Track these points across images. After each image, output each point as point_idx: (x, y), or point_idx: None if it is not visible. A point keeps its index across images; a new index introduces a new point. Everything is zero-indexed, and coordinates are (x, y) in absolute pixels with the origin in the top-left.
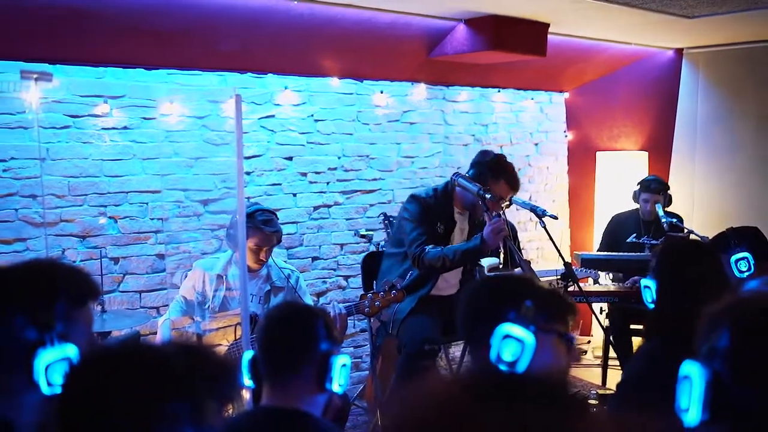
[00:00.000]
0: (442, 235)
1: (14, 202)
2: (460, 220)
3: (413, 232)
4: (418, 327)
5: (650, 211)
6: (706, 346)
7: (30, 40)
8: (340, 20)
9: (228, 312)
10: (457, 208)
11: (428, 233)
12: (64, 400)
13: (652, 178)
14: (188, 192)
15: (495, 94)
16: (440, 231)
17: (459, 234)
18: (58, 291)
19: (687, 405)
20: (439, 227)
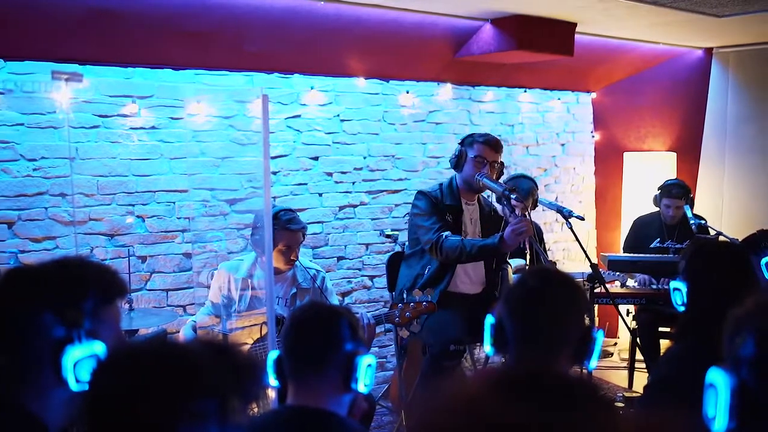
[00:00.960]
0: (452, 225)
1: (44, 200)
2: (469, 211)
3: (427, 221)
4: (443, 327)
5: (672, 216)
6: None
7: (60, 41)
8: (367, 20)
9: (254, 311)
10: (466, 200)
11: (440, 221)
12: (91, 396)
13: (673, 182)
14: (215, 191)
15: (521, 94)
16: (450, 220)
17: (470, 225)
18: (87, 289)
19: (714, 413)
20: (448, 217)
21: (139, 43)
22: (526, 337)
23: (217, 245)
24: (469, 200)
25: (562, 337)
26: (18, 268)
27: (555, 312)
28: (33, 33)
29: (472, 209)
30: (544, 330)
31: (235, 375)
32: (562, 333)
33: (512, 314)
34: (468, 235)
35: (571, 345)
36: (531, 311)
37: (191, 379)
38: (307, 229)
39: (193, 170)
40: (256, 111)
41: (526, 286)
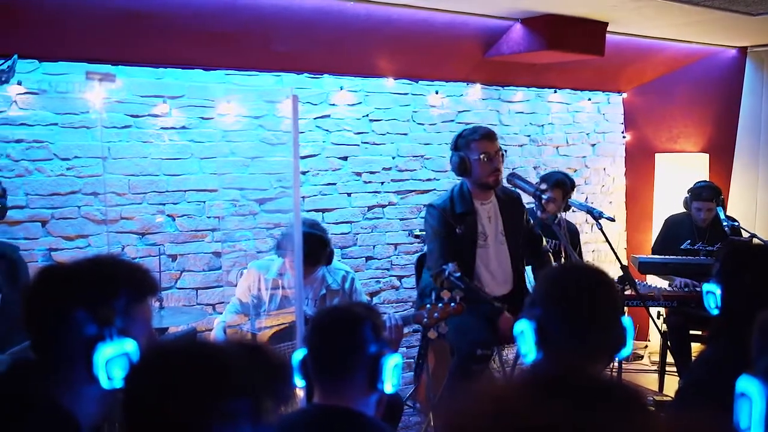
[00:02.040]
0: (465, 235)
1: (77, 199)
2: (485, 209)
3: (431, 245)
4: (470, 330)
5: (704, 219)
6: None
7: (94, 42)
8: (396, 20)
9: (283, 310)
10: (480, 200)
11: (446, 244)
12: (126, 396)
13: (703, 185)
14: (244, 191)
15: (551, 94)
16: (460, 231)
17: (487, 222)
18: (119, 287)
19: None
20: (458, 229)
21: (170, 43)
22: (568, 338)
23: (246, 244)
24: (485, 199)
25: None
26: (52, 266)
27: (600, 315)
28: (67, 34)
29: (488, 207)
30: (588, 330)
31: (267, 375)
32: (605, 332)
33: (547, 314)
34: (488, 234)
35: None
36: (574, 312)
37: (224, 379)
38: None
39: (223, 170)
40: (285, 111)
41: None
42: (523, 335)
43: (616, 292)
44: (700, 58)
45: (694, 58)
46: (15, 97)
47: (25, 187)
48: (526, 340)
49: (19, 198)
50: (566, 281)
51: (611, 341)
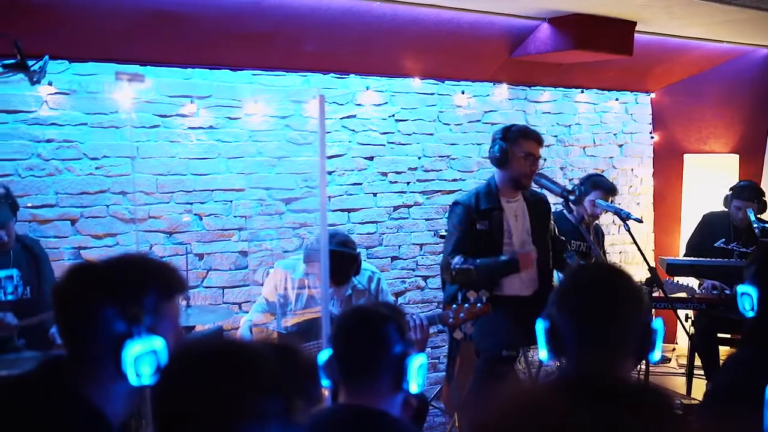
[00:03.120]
0: (488, 231)
1: (105, 198)
2: (512, 208)
3: (448, 240)
4: (496, 331)
5: (742, 218)
6: None
7: (123, 43)
8: (423, 20)
9: (308, 309)
10: (507, 198)
11: (463, 240)
12: (160, 392)
13: (746, 184)
14: (271, 191)
15: (578, 94)
16: (482, 228)
17: (514, 221)
18: (148, 285)
19: None
20: (480, 224)
21: (198, 44)
22: (587, 339)
23: (272, 244)
24: (512, 197)
25: (625, 337)
26: (81, 264)
27: (620, 313)
28: (97, 35)
29: (515, 206)
30: (607, 331)
31: (297, 375)
32: (625, 333)
33: (572, 317)
34: (513, 232)
35: (634, 343)
36: (593, 313)
37: (256, 378)
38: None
39: (250, 169)
40: (312, 111)
41: (585, 286)
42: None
43: (638, 292)
44: (730, 57)
45: (724, 57)
46: (46, 98)
47: (55, 186)
48: (544, 340)
49: (49, 197)
50: (584, 281)
51: (635, 343)
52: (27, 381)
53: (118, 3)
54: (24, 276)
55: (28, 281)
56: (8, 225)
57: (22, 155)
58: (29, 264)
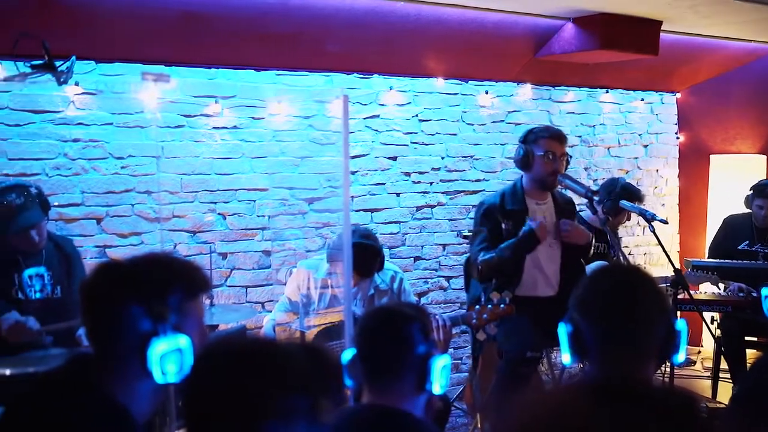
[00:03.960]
0: (513, 231)
1: (130, 197)
2: (540, 209)
3: (474, 239)
4: (519, 332)
5: (765, 217)
6: None
7: (148, 43)
8: (447, 20)
9: (331, 309)
10: (535, 198)
11: (488, 238)
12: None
13: (767, 182)
14: (294, 190)
15: (603, 94)
16: (507, 227)
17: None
18: (173, 284)
19: None
20: (505, 224)
21: (222, 44)
22: (609, 342)
23: (295, 243)
24: (540, 199)
25: (648, 339)
26: (108, 262)
27: (641, 313)
28: (123, 36)
29: (544, 207)
30: (629, 333)
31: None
32: (648, 334)
33: (594, 320)
34: None
35: (658, 344)
36: (616, 316)
37: (283, 376)
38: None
39: (273, 169)
40: (335, 111)
41: (607, 289)
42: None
43: (659, 294)
44: (757, 56)
45: (751, 56)
46: (73, 98)
47: (81, 185)
48: (567, 344)
49: (76, 196)
50: (604, 284)
51: (658, 344)
52: (54, 378)
53: (144, 4)
54: (54, 275)
55: (58, 281)
56: (39, 225)
57: (49, 155)
58: (60, 263)
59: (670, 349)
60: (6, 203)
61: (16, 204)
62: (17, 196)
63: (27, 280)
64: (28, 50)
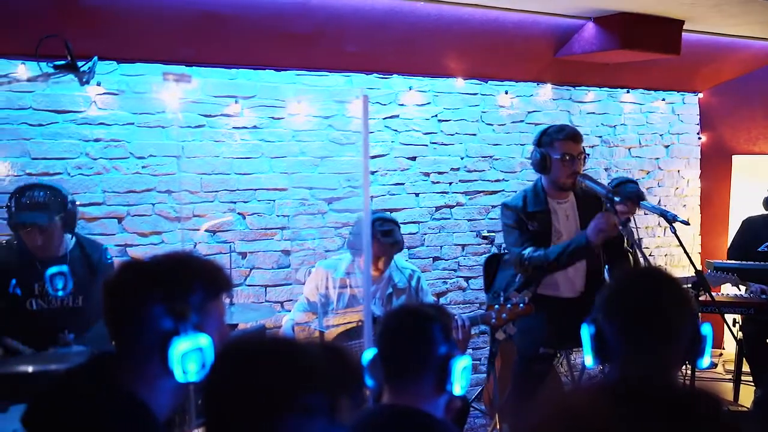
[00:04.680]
0: (539, 232)
1: (151, 197)
2: (562, 209)
3: (509, 237)
4: (534, 329)
5: None
6: None
7: (169, 44)
8: (467, 20)
9: (350, 309)
10: (556, 198)
11: (525, 236)
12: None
13: None
14: (313, 190)
15: (624, 94)
16: (533, 228)
17: (564, 220)
18: (195, 283)
19: None
20: (530, 226)
21: (243, 44)
22: (633, 344)
23: (314, 243)
24: (561, 198)
25: (673, 342)
26: (130, 261)
27: (666, 317)
28: (144, 37)
29: (565, 206)
30: (653, 336)
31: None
32: (672, 338)
33: (620, 323)
34: (563, 234)
35: (682, 348)
36: (642, 320)
37: (304, 373)
38: (403, 243)
39: (293, 169)
40: (355, 111)
41: (633, 292)
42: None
43: (685, 297)
44: None
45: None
46: (94, 98)
47: (102, 184)
48: (589, 345)
49: (97, 195)
50: (629, 286)
51: (682, 348)
52: (76, 375)
53: (165, 5)
54: (76, 282)
55: (79, 289)
56: (46, 229)
57: (71, 154)
58: (83, 268)
59: (695, 354)
60: (27, 196)
61: (35, 201)
62: (42, 194)
63: (48, 279)
64: (50, 51)
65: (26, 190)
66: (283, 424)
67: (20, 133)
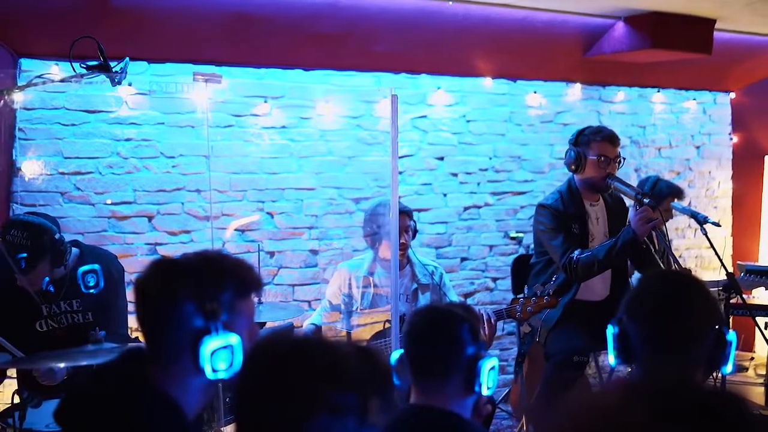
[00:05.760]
0: (579, 235)
1: (181, 196)
2: (594, 212)
3: (553, 242)
4: (567, 337)
5: None
6: None
7: (199, 44)
8: (496, 20)
9: (376, 309)
10: (589, 200)
11: (568, 239)
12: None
13: None
14: (341, 190)
15: (654, 94)
16: (576, 231)
17: (596, 225)
18: (226, 282)
19: None
20: (574, 228)
21: (272, 45)
22: (659, 348)
23: (342, 242)
24: (593, 200)
25: (696, 346)
26: (162, 259)
27: (690, 320)
28: (174, 37)
29: (596, 209)
30: (676, 339)
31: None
32: (696, 341)
33: (642, 324)
34: (595, 237)
35: (705, 353)
36: (664, 321)
37: (335, 372)
38: (413, 217)
39: (321, 169)
40: (383, 111)
41: (657, 294)
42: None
43: (709, 300)
44: None
45: None
46: (126, 98)
47: (133, 183)
48: (612, 345)
49: (128, 194)
50: (654, 289)
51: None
52: (107, 372)
53: (195, 6)
54: (84, 298)
55: (87, 305)
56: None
57: (103, 153)
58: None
59: (719, 360)
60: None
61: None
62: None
63: (80, 276)
64: (83, 52)
65: (11, 228)
66: (314, 423)
67: (53, 132)
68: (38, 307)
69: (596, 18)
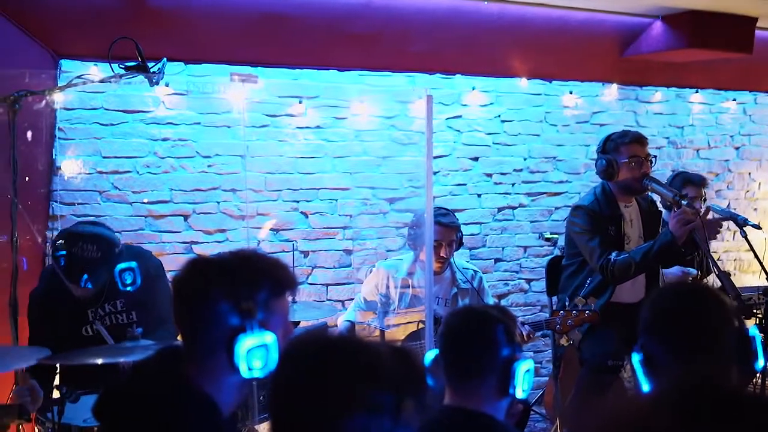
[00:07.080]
0: (615, 237)
1: (216, 195)
2: (627, 213)
3: (590, 243)
4: (602, 341)
5: None
6: None
7: (235, 45)
8: (531, 19)
9: (412, 309)
10: (623, 202)
11: (605, 241)
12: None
13: None
14: (375, 190)
15: (692, 94)
16: (611, 233)
17: (630, 228)
18: (261, 281)
19: None
20: (610, 230)
21: (307, 45)
22: (685, 356)
23: (375, 242)
24: (627, 202)
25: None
26: (199, 258)
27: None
28: (211, 38)
29: (630, 211)
30: (701, 341)
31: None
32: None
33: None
34: (630, 239)
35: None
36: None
37: (372, 372)
38: (460, 230)
39: (355, 169)
40: (417, 111)
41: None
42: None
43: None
44: None
45: None
46: (163, 98)
47: (169, 182)
48: (642, 372)
49: (164, 193)
50: (669, 307)
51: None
52: (144, 369)
53: (231, 7)
54: (126, 297)
55: (130, 304)
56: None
57: (140, 153)
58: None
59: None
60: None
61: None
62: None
63: (117, 274)
64: (121, 52)
65: (78, 241)
66: (350, 422)
67: (92, 132)
68: (84, 313)
69: (633, 17)
